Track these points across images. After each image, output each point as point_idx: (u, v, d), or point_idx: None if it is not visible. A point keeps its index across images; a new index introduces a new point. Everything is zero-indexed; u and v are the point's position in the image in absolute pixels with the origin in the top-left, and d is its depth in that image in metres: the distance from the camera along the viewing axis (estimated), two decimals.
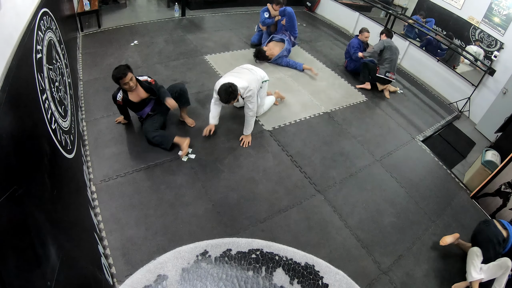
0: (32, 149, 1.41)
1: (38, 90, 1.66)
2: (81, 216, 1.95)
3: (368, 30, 4.77)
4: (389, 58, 4.38)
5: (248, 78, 3.08)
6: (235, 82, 2.92)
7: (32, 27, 1.83)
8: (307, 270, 0.55)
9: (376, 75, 4.50)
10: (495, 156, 3.47)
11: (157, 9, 5.96)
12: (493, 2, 4.45)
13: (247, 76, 3.10)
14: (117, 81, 2.76)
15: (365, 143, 3.64)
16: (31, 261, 1.09)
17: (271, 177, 2.96)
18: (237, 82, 2.94)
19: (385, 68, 4.41)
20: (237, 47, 5.04)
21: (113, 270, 2.08)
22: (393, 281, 2.39)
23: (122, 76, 2.72)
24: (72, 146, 2.20)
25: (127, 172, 2.73)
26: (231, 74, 3.13)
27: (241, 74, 3.11)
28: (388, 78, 4.45)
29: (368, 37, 4.75)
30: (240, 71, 3.18)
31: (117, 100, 2.90)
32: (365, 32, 4.73)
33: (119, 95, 2.87)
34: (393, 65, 4.41)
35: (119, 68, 2.74)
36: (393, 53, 4.39)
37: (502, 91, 4.24)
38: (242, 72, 3.17)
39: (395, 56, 4.42)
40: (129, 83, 2.77)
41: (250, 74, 3.16)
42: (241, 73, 3.14)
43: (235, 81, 2.94)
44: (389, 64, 4.39)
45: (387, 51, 4.39)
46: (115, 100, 2.92)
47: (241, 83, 2.97)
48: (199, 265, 0.54)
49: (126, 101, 2.90)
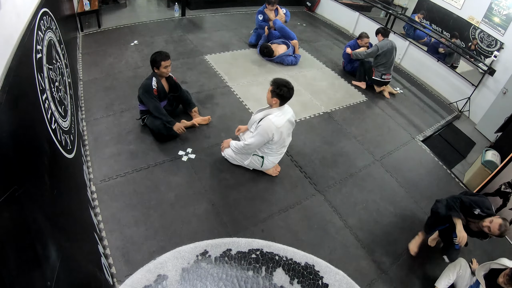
0: (32, 149, 1.41)
1: (38, 90, 1.66)
2: (81, 216, 1.95)
3: (368, 36, 4.67)
4: (385, 63, 4.34)
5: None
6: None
7: (32, 27, 1.83)
8: (307, 270, 0.55)
9: (372, 78, 4.50)
10: (495, 156, 3.48)
11: (157, 9, 5.96)
12: (493, 2, 4.45)
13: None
14: (159, 62, 2.84)
15: (365, 143, 3.64)
16: (31, 261, 1.09)
17: (271, 177, 2.96)
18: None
19: (381, 71, 4.40)
20: (237, 47, 5.04)
21: (113, 270, 2.08)
22: (393, 281, 2.39)
23: (166, 58, 2.86)
24: (72, 146, 2.20)
25: (127, 172, 2.73)
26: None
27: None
28: (385, 80, 4.44)
29: (367, 43, 4.68)
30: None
31: (153, 88, 2.88)
32: (365, 38, 4.64)
33: (154, 83, 2.89)
34: (389, 66, 4.38)
35: (161, 51, 2.89)
36: (389, 57, 4.32)
37: (502, 91, 4.24)
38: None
39: (391, 58, 4.35)
40: (169, 67, 2.92)
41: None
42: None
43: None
44: (385, 67, 4.37)
45: (382, 57, 4.31)
46: (149, 88, 2.86)
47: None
48: (199, 265, 0.54)
49: (159, 89, 2.95)
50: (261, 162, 2.82)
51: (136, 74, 3.93)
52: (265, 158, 2.79)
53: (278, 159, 2.87)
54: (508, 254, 2.87)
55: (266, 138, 2.57)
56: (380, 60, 4.35)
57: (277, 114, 2.55)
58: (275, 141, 2.61)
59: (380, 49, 4.28)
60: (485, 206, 2.27)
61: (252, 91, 4.05)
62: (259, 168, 2.89)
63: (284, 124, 2.57)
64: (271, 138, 2.57)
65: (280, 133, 2.57)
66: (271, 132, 2.53)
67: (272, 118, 2.52)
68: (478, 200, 2.32)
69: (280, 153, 2.83)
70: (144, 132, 3.14)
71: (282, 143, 2.72)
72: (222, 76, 4.24)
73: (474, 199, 2.32)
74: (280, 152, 2.81)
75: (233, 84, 4.10)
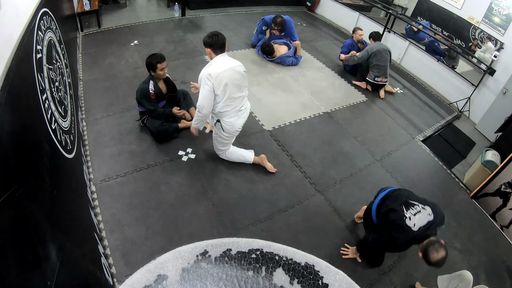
0: (32, 149, 1.41)
1: (38, 90, 1.66)
2: (81, 216, 1.95)
3: (360, 28, 4.78)
4: (376, 64, 4.36)
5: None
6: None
7: (32, 27, 1.83)
8: (307, 270, 0.55)
9: (366, 78, 4.54)
10: (495, 156, 3.48)
11: (157, 9, 5.96)
12: (493, 2, 4.45)
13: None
14: (155, 65, 2.81)
15: (365, 143, 3.64)
16: (31, 261, 1.09)
17: (271, 177, 2.96)
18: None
19: (374, 73, 4.42)
20: (237, 47, 5.04)
21: (113, 270, 2.08)
22: (393, 281, 2.39)
23: (161, 60, 2.83)
24: (72, 146, 2.20)
25: (127, 172, 2.73)
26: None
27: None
28: (378, 83, 4.45)
29: (362, 35, 4.74)
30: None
31: (150, 92, 2.88)
32: (358, 30, 4.74)
33: (151, 87, 2.88)
34: (383, 69, 4.38)
35: (156, 54, 2.86)
36: (381, 59, 4.32)
37: (502, 91, 4.24)
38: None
39: (384, 60, 4.35)
40: (165, 69, 2.89)
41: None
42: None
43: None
44: (378, 69, 4.38)
45: (373, 58, 4.35)
46: (146, 92, 2.87)
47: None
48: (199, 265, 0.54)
49: (157, 92, 2.94)
50: (220, 127, 2.67)
51: (136, 74, 3.93)
52: (221, 120, 2.64)
53: (236, 120, 2.65)
54: (508, 254, 2.88)
55: (207, 91, 2.42)
56: (372, 61, 4.38)
57: (216, 64, 2.44)
58: (218, 94, 2.45)
59: (370, 51, 4.34)
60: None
61: (252, 91, 4.04)
62: (237, 154, 2.92)
63: (223, 71, 2.41)
64: (211, 90, 2.42)
65: (220, 81, 2.40)
66: (209, 81, 2.39)
67: (207, 68, 2.44)
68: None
69: (234, 108, 2.59)
70: (144, 132, 3.14)
71: (230, 95, 2.50)
72: None
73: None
74: (233, 106, 2.57)
75: None
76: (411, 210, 1.99)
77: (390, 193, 2.23)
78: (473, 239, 2.90)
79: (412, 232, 1.92)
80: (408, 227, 1.93)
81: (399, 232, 1.96)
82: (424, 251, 1.89)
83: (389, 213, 2.06)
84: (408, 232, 1.92)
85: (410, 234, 1.92)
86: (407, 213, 1.98)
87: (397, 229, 1.97)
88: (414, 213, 1.98)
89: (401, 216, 1.98)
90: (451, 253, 2.69)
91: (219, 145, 2.87)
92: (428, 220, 1.95)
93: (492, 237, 2.99)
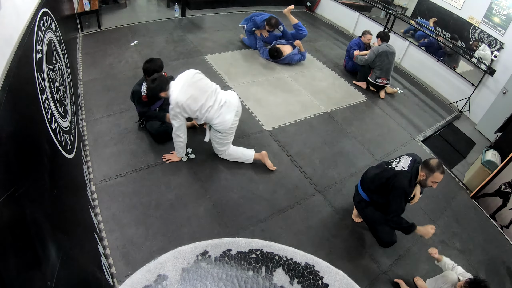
0: (32, 149, 1.41)
1: (38, 90, 1.66)
2: (81, 216, 1.95)
3: (370, 32, 4.74)
4: (379, 65, 4.35)
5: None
6: None
7: (32, 27, 1.83)
8: (307, 270, 0.55)
9: (367, 78, 4.54)
10: (495, 156, 3.48)
11: (157, 9, 5.96)
12: (493, 2, 4.45)
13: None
14: (154, 72, 2.77)
15: (365, 143, 3.64)
16: (31, 261, 1.09)
17: (271, 177, 2.96)
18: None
19: (376, 74, 4.41)
20: (237, 47, 5.04)
21: (113, 270, 2.08)
22: (393, 281, 2.39)
23: (160, 69, 2.83)
24: (72, 146, 2.20)
25: (127, 172, 2.73)
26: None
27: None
28: (379, 84, 4.45)
29: (370, 39, 4.74)
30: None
31: (142, 95, 2.87)
32: (368, 34, 4.71)
33: (143, 89, 2.86)
34: (385, 70, 4.38)
35: (154, 61, 2.84)
36: (384, 60, 4.32)
37: (502, 91, 4.24)
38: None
39: (388, 62, 4.35)
40: (165, 74, 2.85)
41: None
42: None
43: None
44: (380, 70, 4.37)
45: (377, 58, 4.35)
46: (138, 95, 2.87)
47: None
48: (199, 265, 0.54)
49: (149, 95, 2.89)
50: (214, 130, 2.74)
51: (136, 74, 3.92)
52: (212, 124, 2.70)
53: (225, 117, 2.64)
54: (508, 254, 2.88)
55: (178, 123, 2.57)
56: (376, 61, 4.38)
57: (174, 87, 2.49)
58: (194, 110, 2.53)
59: (376, 52, 4.33)
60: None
61: (252, 91, 4.05)
62: (238, 153, 2.94)
63: (180, 90, 2.47)
64: (184, 109, 2.49)
65: (184, 103, 2.47)
66: (178, 104, 2.46)
67: (171, 94, 2.48)
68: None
69: (213, 108, 2.60)
70: (144, 132, 3.14)
71: (202, 104, 2.54)
72: (222, 76, 4.24)
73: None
74: (212, 107, 2.58)
75: (233, 84, 4.10)
76: (393, 163, 2.39)
77: (365, 172, 2.56)
78: (473, 239, 2.90)
79: (406, 172, 2.24)
80: (400, 170, 2.27)
81: (398, 179, 2.23)
82: (425, 165, 2.22)
83: (380, 177, 2.34)
84: (403, 173, 2.24)
85: (406, 173, 2.24)
86: (392, 165, 2.36)
87: (395, 178, 2.24)
88: (397, 162, 2.37)
89: (390, 169, 2.33)
90: (451, 253, 2.69)
91: (218, 146, 2.88)
92: (410, 160, 2.33)
93: (492, 237, 2.99)
